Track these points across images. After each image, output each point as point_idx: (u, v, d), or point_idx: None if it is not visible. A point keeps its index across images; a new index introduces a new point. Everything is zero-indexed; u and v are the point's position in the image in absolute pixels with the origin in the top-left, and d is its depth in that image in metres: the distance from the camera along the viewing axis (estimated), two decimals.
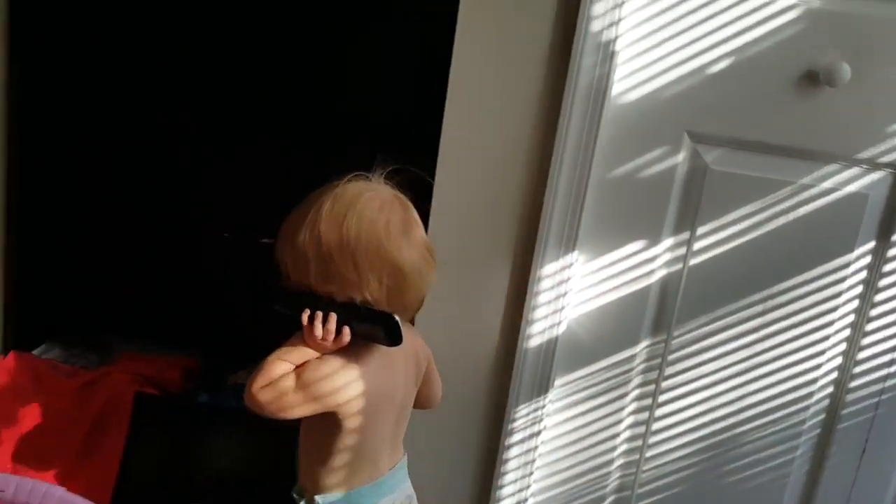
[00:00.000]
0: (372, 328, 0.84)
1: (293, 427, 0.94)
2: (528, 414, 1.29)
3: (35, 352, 1.56)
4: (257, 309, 0.93)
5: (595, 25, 1.11)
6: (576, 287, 1.24)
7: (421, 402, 1.03)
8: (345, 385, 0.85)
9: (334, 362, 0.86)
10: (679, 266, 1.23)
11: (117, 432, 1.40)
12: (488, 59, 1.16)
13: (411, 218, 0.88)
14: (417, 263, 0.86)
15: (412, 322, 0.98)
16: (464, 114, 1.18)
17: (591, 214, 1.20)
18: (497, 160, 1.19)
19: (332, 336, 0.84)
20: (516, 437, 1.29)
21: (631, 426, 1.31)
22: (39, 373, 1.44)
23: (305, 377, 0.85)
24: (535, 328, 1.25)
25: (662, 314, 1.25)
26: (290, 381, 0.85)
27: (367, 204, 0.85)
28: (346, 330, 0.84)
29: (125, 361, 1.52)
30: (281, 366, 0.86)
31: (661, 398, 1.28)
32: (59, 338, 1.62)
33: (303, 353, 0.86)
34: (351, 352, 0.87)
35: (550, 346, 1.26)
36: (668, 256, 1.23)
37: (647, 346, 1.27)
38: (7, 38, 1.48)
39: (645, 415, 1.30)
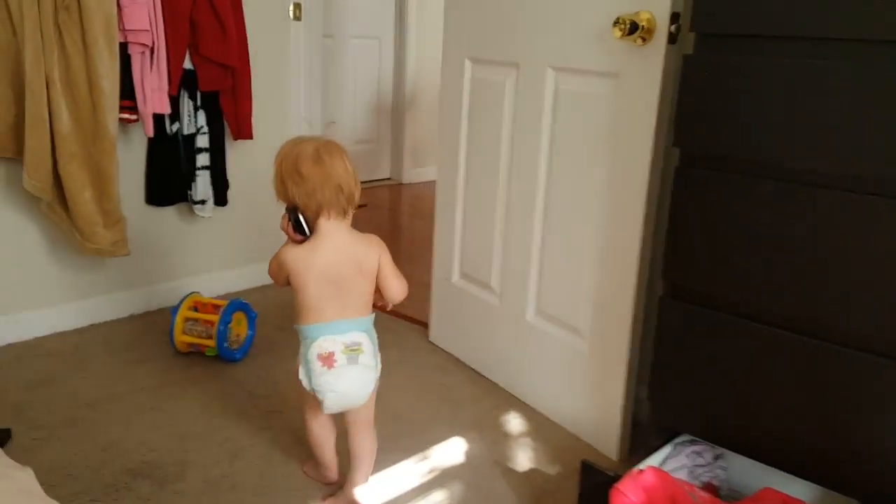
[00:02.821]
0: (297, 225, 1.37)
1: None
2: None
3: (660, 456, 1.42)
4: None
5: None
6: None
7: (380, 295, 1.47)
8: (285, 260, 1.39)
9: (289, 246, 1.40)
10: None
11: None
12: None
13: (324, 153, 1.35)
14: (317, 178, 1.34)
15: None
16: None
17: None
18: None
19: (285, 226, 1.39)
20: None
21: None
22: (676, 496, 1.27)
23: (277, 255, 1.42)
24: None
25: None
26: (276, 259, 1.42)
27: (303, 145, 1.37)
28: (290, 225, 1.38)
29: (766, 498, 1.26)
30: (278, 249, 1.44)
31: None
32: (684, 442, 1.45)
33: (287, 241, 1.43)
34: (299, 242, 1.39)
35: None
36: None
37: None
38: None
39: None
